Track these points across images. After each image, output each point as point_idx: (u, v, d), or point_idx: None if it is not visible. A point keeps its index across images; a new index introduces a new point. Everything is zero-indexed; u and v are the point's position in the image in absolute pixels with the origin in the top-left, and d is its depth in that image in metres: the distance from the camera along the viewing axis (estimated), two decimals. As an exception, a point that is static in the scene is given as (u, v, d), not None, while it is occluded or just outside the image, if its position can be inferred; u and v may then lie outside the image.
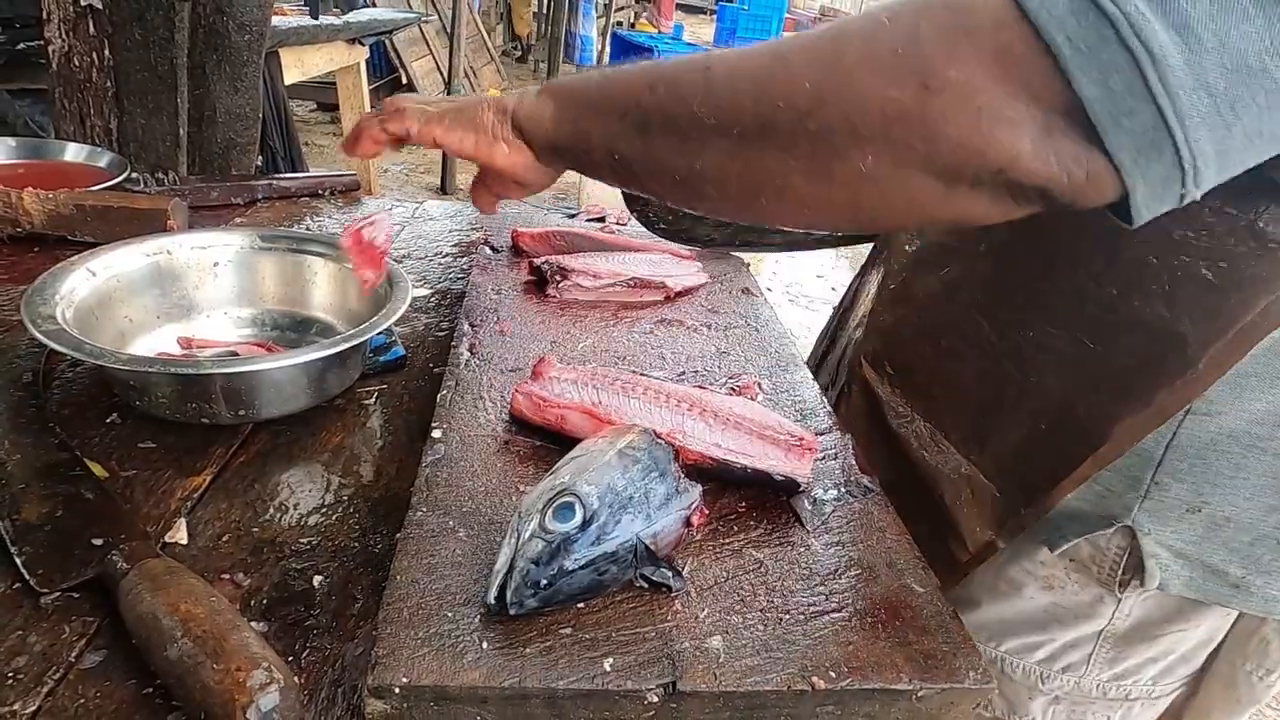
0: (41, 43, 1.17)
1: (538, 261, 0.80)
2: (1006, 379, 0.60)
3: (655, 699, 0.40)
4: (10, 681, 0.40)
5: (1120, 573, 0.60)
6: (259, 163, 1.81)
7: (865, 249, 0.92)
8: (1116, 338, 0.53)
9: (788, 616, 0.46)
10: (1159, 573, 0.58)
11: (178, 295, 0.72)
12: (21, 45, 1.67)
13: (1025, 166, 0.36)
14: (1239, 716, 0.68)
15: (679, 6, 11.20)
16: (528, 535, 0.42)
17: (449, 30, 4.07)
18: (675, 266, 0.90)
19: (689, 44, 4.11)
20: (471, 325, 0.74)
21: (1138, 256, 0.51)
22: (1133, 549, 0.58)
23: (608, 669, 0.40)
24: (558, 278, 0.78)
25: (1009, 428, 0.60)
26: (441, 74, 5.00)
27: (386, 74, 5.17)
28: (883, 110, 0.38)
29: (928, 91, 0.36)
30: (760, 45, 0.45)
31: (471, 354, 0.69)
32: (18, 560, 0.46)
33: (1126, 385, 0.53)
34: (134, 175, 1.03)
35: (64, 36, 1.11)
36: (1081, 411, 0.55)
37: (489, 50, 6.65)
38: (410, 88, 4.91)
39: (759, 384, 0.71)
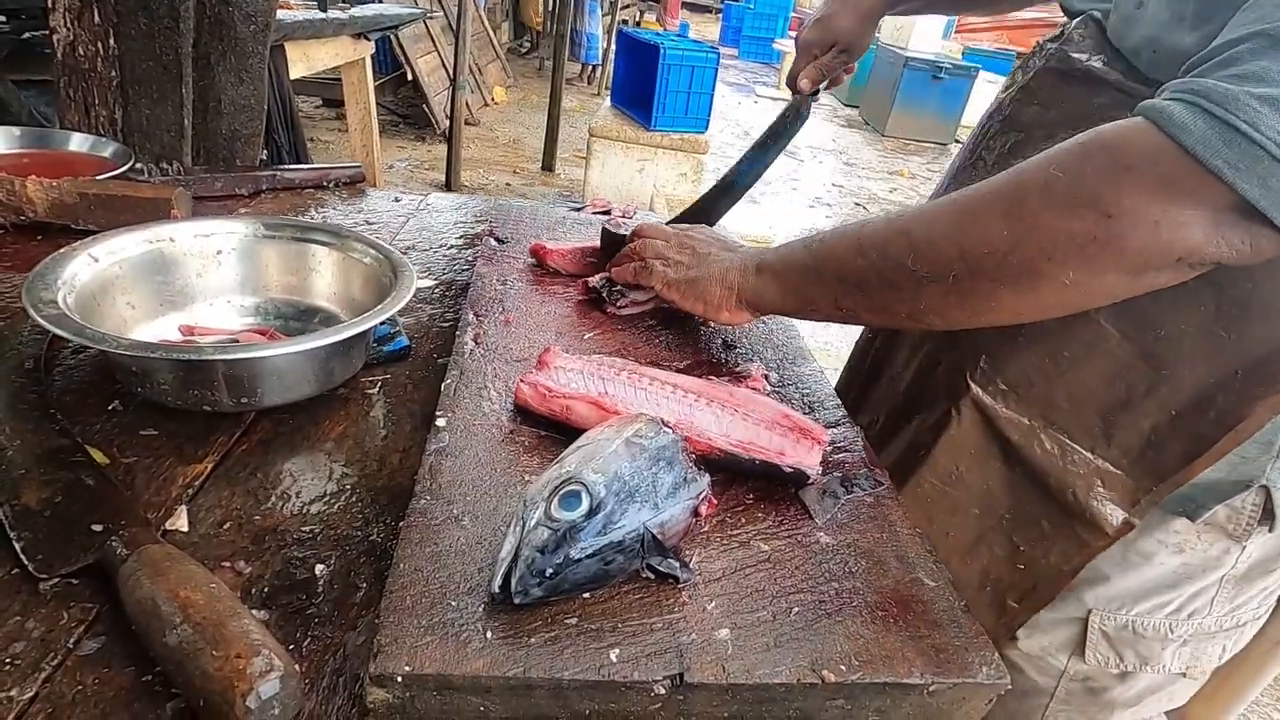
0: (47, 32, 1.16)
1: (594, 283, 0.79)
2: (1136, 377, 0.63)
3: (662, 690, 0.39)
4: (8, 667, 0.39)
5: (1255, 524, 0.64)
6: (263, 156, 1.80)
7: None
8: (1251, 327, 0.57)
9: (797, 609, 0.45)
10: None
11: (180, 283, 0.71)
12: (27, 35, 1.67)
13: (1201, 252, 0.48)
14: None
15: (685, 5, 11.17)
16: (533, 523, 0.42)
17: (454, 27, 4.07)
18: None
19: (694, 41, 4.10)
20: (476, 315, 0.73)
21: None
22: (1266, 503, 0.63)
23: (614, 660, 0.40)
24: (616, 295, 0.77)
25: (1138, 419, 0.63)
26: (446, 70, 5.00)
27: (392, 70, 5.17)
28: (1072, 239, 0.49)
29: (1109, 219, 0.48)
30: (943, 204, 0.57)
31: (476, 344, 0.68)
32: (17, 546, 0.45)
33: (1264, 368, 0.57)
34: (138, 165, 1.02)
35: (69, 26, 1.11)
36: (1219, 397, 0.59)
37: (494, 48, 6.65)
38: (415, 84, 4.90)
39: (767, 376, 0.70)
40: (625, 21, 8.51)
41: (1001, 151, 0.72)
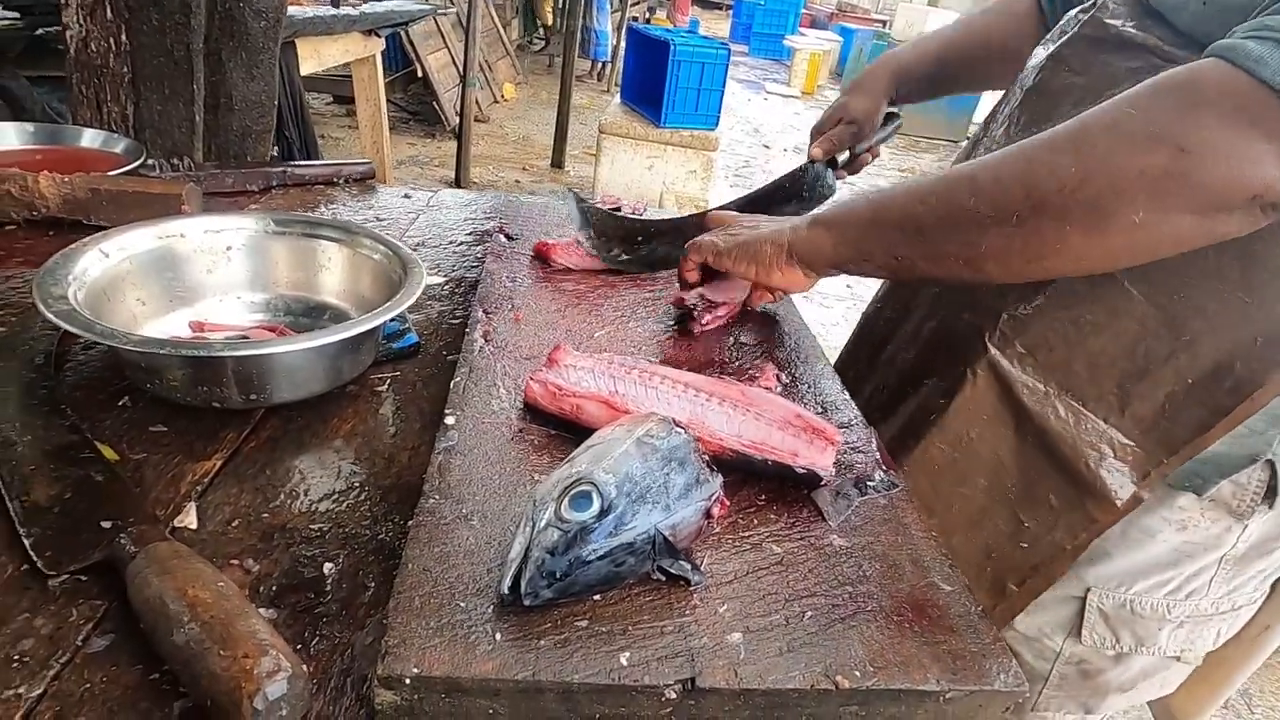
0: (60, 29, 1.17)
1: (690, 300, 0.78)
2: (1156, 344, 0.63)
3: (674, 695, 0.39)
4: (16, 665, 0.39)
5: (1259, 502, 0.64)
6: (274, 153, 1.80)
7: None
8: (1275, 292, 0.57)
9: (810, 613, 0.44)
10: None
11: (190, 278, 0.71)
12: (40, 31, 1.68)
13: (1276, 189, 0.47)
14: None
15: (695, 1, 11.14)
16: (543, 524, 0.41)
17: (465, 24, 4.06)
18: None
19: (705, 37, 4.08)
20: (486, 312, 0.73)
21: None
22: (1271, 479, 0.63)
23: (624, 663, 0.39)
24: (705, 315, 0.76)
25: (1155, 388, 0.63)
26: (457, 67, 5.00)
27: (402, 67, 5.17)
28: (1145, 174, 0.48)
29: (1184, 153, 0.47)
30: (1009, 150, 0.56)
31: (486, 341, 0.68)
32: (26, 542, 0.45)
33: None
34: (149, 161, 1.02)
35: (81, 22, 1.11)
36: (1238, 365, 0.59)
37: (504, 44, 6.65)
38: (425, 81, 4.91)
39: (779, 376, 0.69)
40: (635, 18, 8.48)
41: (1029, 120, 0.71)
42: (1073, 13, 0.70)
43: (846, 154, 0.99)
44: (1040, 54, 0.71)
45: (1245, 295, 0.58)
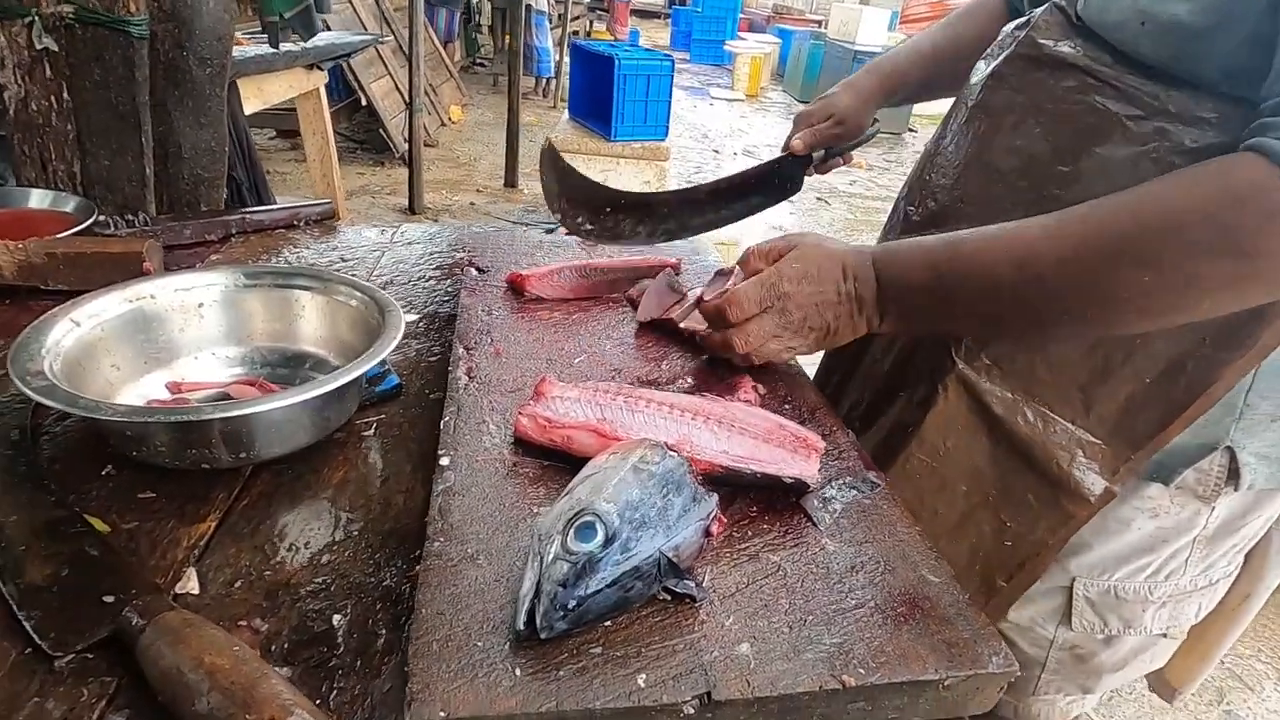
0: (-4, 89, 1.14)
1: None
2: (1113, 348, 0.66)
3: (692, 710, 0.40)
4: (32, 751, 0.39)
5: (1222, 485, 0.68)
6: (224, 195, 1.77)
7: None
8: None
9: (811, 617, 0.47)
10: (1250, 476, 0.68)
11: (164, 339, 0.70)
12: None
13: None
14: None
15: (633, 12, 11.24)
16: (551, 558, 0.43)
17: (407, 50, 4.04)
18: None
19: (647, 50, 4.13)
20: (466, 349, 0.74)
21: None
22: (1231, 464, 0.67)
23: (642, 684, 0.41)
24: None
25: (1115, 389, 0.67)
26: (401, 94, 4.97)
27: (346, 97, 5.11)
28: (1219, 276, 0.53)
29: (1254, 259, 0.51)
30: (1073, 242, 0.57)
31: (469, 378, 0.69)
32: (27, 625, 0.45)
33: (1234, 335, 0.61)
34: (102, 218, 1.01)
35: (20, 81, 1.09)
36: (1190, 365, 0.63)
37: (448, 67, 6.62)
38: (370, 110, 4.86)
39: (755, 387, 0.71)
40: (576, 33, 8.53)
41: (976, 134, 0.74)
42: (1009, 27, 0.74)
43: (822, 152, 0.98)
44: (983, 69, 0.74)
45: None
